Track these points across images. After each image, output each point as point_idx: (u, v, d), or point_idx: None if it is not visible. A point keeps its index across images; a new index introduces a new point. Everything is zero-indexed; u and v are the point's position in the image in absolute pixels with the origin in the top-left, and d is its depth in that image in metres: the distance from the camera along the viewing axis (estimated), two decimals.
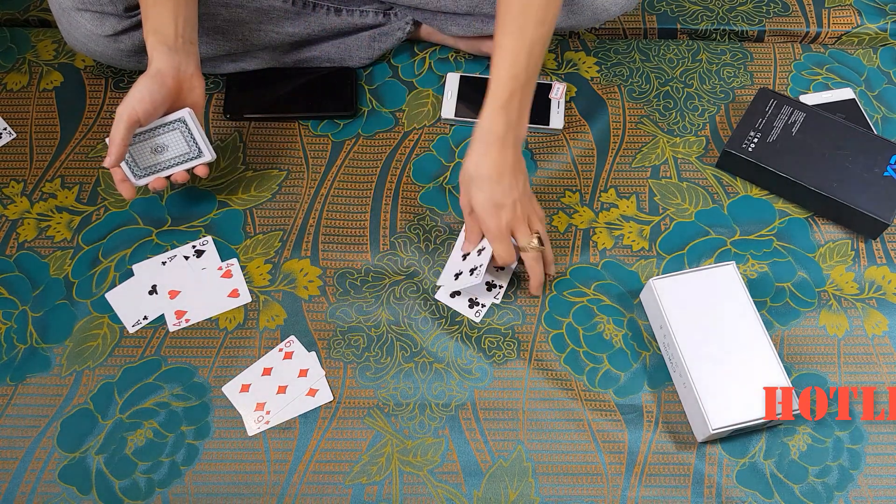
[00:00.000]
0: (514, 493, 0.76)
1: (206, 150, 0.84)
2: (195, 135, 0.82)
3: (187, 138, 0.82)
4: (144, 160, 0.83)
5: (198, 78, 0.83)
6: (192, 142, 0.83)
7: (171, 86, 0.80)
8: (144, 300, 0.83)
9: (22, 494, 0.74)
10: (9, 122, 0.97)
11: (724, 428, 0.75)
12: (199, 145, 0.83)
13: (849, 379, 0.82)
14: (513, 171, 0.78)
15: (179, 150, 0.83)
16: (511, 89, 0.77)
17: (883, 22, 1.07)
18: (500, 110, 0.78)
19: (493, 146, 0.77)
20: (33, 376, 0.80)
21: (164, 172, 0.84)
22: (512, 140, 0.78)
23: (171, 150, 0.83)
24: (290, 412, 0.78)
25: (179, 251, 0.86)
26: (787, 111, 0.93)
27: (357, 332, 0.84)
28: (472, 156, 0.78)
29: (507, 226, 0.79)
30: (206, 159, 0.84)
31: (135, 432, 0.78)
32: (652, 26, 1.08)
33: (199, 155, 0.84)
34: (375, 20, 0.99)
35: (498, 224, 0.79)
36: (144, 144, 0.82)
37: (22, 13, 1.06)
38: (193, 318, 0.83)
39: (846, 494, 0.76)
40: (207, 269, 0.85)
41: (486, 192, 0.78)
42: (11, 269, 0.86)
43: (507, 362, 0.82)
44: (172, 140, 0.82)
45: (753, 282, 0.87)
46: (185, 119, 0.81)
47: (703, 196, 0.93)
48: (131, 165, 0.83)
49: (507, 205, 0.78)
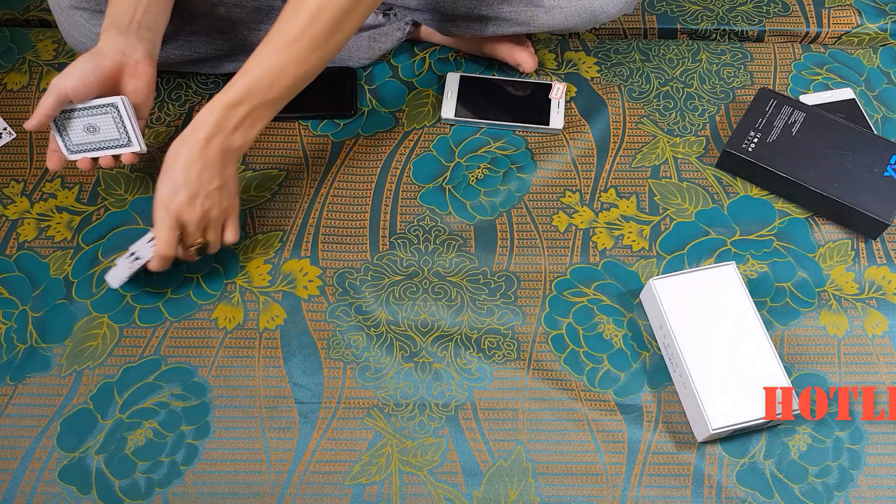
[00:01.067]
0: (513, 493, 0.76)
1: (135, 141, 0.82)
2: (126, 123, 0.81)
3: (118, 125, 0.81)
4: (77, 136, 0.82)
5: (145, 65, 0.80)
6: (122, 129, 0.81)
7: (109, 67, 0.78)
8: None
9: (22, 494, 0.74)
10: (9, 122, 0.97)
11: (724, 428, 0.75)
12: (128, 134, 0.82)
13: (849, 379, 0.82)
14: (206, 171, 0.75)
15: (110, 134, 0.82)
16: (240, 96, 0.74)
17: (883, 22, 1.07)
18: (218, 110, 0.74)
19: (193, 142, 0.75)
20: (33, 376, 0.80)
21: (92, 153, 0.83)
22: (217, 145, 0.75)
23: (102, 133, 0.82)
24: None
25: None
26: (787, 111, 0.93)
27: (357, 332, 0.84)
28: (173, 145, 0.76)
29: (178, 215, 0.75)
30: (134, 149, 0.83)
31: (135, 432, 0.78)
32: (652, 26, 1.08)
33: (128, 144, 0.82)
34: (375, 20, 0.99)
35: (168, 210, 0.75)
36: (78, 121, 0.81)
37: (22, 13, 1.06)
38: None
39: (846, 494, 0.76)
40: None
41: (171, 180, 0.75)
42: (11, 269, 0.86)
43: (507, 362, 0.82)
44: (104, 123, 0.81)
45: (753, 282, 0.87)
46: (116, 105, 0.80)
47: (703, 196, 0.93)
48: (65, 139, 0.83)
49: (184, 197, 0.75)
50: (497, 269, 0.88)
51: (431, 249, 0.89)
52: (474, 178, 0.94)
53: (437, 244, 0.89)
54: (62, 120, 0.81)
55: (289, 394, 0.80)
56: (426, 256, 0.88)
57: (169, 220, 0.76)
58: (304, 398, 0.80)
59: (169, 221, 0.76)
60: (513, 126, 0.97)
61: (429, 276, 0.87)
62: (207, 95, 0.99)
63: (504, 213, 0.92)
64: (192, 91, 0.99)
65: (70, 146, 0.83)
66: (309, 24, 0.74)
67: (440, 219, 0.91)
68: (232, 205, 0.80)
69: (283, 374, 0.81)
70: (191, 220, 0.77)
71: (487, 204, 0.92)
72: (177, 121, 0.97)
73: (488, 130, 0.97)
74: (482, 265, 0.88)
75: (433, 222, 0.91)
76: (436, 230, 0.90)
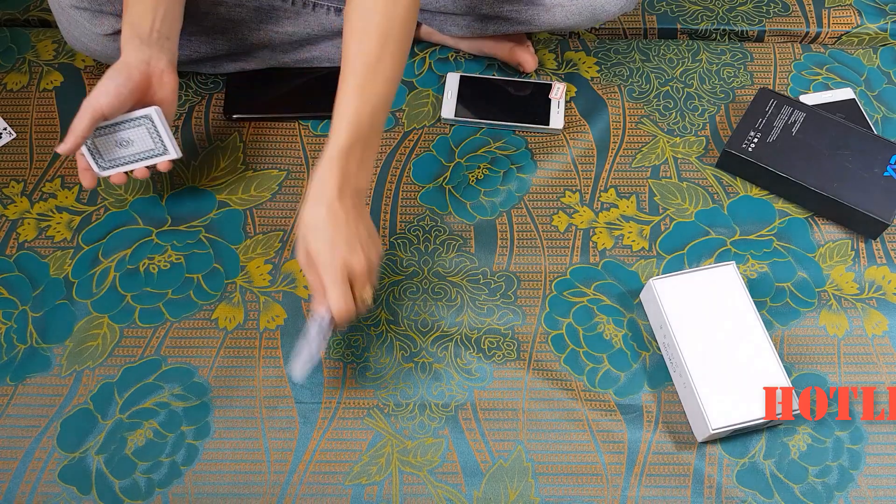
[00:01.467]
0: (513, 493, 0.76)
1: (171, 148, 0.83)
2: (161, 132, 0.82)
3: (153, 135, 0.82)
4: (109, 153, 0.83)
5: (169, 74, 0.82)
6: (157, 139, 0.82)
7: (139, 79, 0.79)
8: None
9: (22, 494, 0.74)
10: (9, 122, 0.97)
11: (724, 428, 0.75)
12: (164, 143, 0.83)
13: (849, 379, 0.82)
14: (352, 220, 0.72)
15: (144, 146, 0.83)
16: (351, 139, 0.72)
17: (883, 22, 1.07)
18: (336, 160, 0.71)
19: (328, 198, 0.71)
20: (33, 376, 0.80)
21: (126, 167, 0.84)
22: (350, 193, 0.72)
23: (136, 145, 0.82)
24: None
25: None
26: (787, 111, 0.93)
27: (357, 332, 0.84)
28: (307, 208, 0.72)
29: (344, 267, 0.71)
30: (172, 156, 0.84)
31: (135, 432, 0.78)
32: (652, 26, 1.08)
33: (164, 152, 0.84)
34: None
35: (333, 265, 0.70)
36: (110, 137, 0.82)
37: (22, 13, 1.06)
38: None
39: (846, 494, 0.76)
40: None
41: (324, 238, 0.71)
42: (11, 269, 0.86)
43: (507, 362, 0.82)
44: (137, 136, 0.82)
45: (753, 282, 0.87)
46: (151, 116, 0.81)
47: (703, 196, 0.93)
48: (95, 156, 0.83)
49: (344, 248, 0.71)
50: (497, 269, 0.88)
51: (431, 249, 0.89)
52: (474, 178, 0.94)
53: (437, 244, 0.89)
54: (92, 138, 0.81)
55: (289, 394, 0.80)
56: (426, 256, 0.88)
57: (339, 275, 0.71)
58: (304, 398, 0.80)
59: (340, 276, 0.71)
60: (513, 126, 0.97)
61: (429, 276, 0.87)
62: (207, 95, 0.99)
63: (504, 213, 0.92)
64: (192, 91, 0.99)
65: (102, 164, 0.84)
66: (384, 39, 0.73)
67: (440, 219, 0.91)
68: (379, 248, 0.77)
69: (283, 374, 0.81)
70: (359, 268, 0.72)
71: (487, 204, 0.92)
72: (177, 121, 0.97)
73: (488, 130, 0.97)
74: (482, 265, 0.88)
75: (433, 222, 0.91)
76: (436, 230, 0.90)
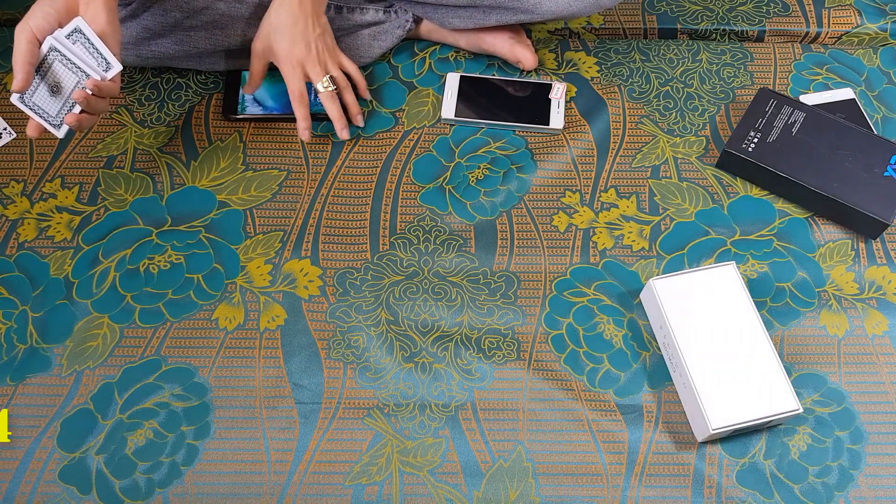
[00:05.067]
0: (514, 493, 0.76)
1: (110, 59, 0.78)
2: (96, 44, 0.76)
3: (77, 60, 0.76)
4: (51, 106, 0.79)
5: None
6: (95, 54, 0.77)
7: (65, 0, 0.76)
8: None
9: (22, 494, 0.74)
10: (9, 122, 0.97)
11: (724, 428, 0.75)
12: (102, 55, 0.77)
13: (849, 379, 0.82)
14: (309, 18, 0.88)
15: (71, 79, 0.78)
16: None
17: (883, 22, 1.07)
18: None
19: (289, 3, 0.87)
20: (33, 376, 0.80)
21: (75, 107, 0.79)
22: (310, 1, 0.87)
23: (65, 82, 0.78)
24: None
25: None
26: (787, 111, 0.93)
27: (357, 332, 0.84)
28: (271, 10, 0.88)
29: (300, 62, 0.88)
30: (114, 70, 0.78)
31: (135, 432, 0.78)
32: (652, 26, 1.08)
33: (108, 67, 0.78)
34: (376, 17, 0.99)
35: (291, 60, 0.88)
36: (40, 90, 0.78)
37: (22, 13, 1.06)
38: None
39: (846, 494, 0.76)
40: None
41: (285, 36, 0.87)
42: (11, 269, 0.86)
43: (507, 362, 0.82)
44: (59, 72, 0.77)
45: (753, 282, 0.87)
46: (79, 28, 0.75)
47: (703, 196, 0.93)
48: (45, 116, 0.79)
49: (301, 44, 0.88)
50: (497, 269, 0.88)
51: (431, 249, 0.89)
52: (474, 178, 0.94)
53: (437, 244, 0.89)
54: (28, 98, 0.77)
55: (289, 394, 0.80)
56: (426, 256, 0.88)
57: (297, 71, 0.89)
58: (304, 398, 0.80)
59: (298, 72, 0.89)
60: (513, 126, 0.97)
61: (429, 276, 0.87)
62: (207, 96, 0.99)
63: (504, 213, 0.92)
64: (192, 91, 0.99)
65: (53, 121, 0.79)
66: None
67: (440, 219, 0.91)
68: (333, 47, 0.92)
69: (283, 375, 0.81)
70: (311, 63, 0.89)
71: (487, 204, 0.92)
72: (177, 121, 0.97)
73: (488, 130, 0.97)
74: (482, 265, 0.88)
75: (433, 222, 0.91)
76: (436, 230, 0.90)
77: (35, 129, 0.79)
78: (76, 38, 0.76)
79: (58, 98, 0.79)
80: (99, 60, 0.78)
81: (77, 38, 0.76)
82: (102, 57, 0.78)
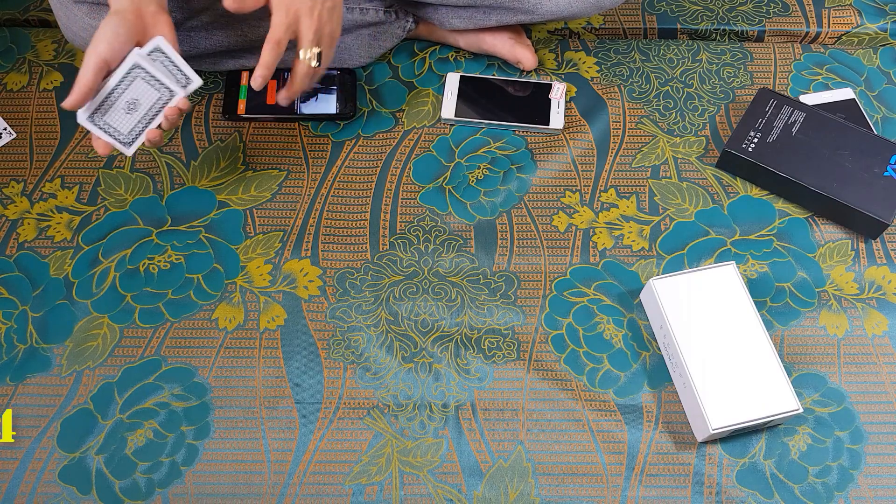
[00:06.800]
0: (514, 493, 0.76)
1: (189, 75, 0.79)
2: (176, 61, 0.78)
3: (159, 78, 0.77)
4: (124, 124, 0.79)
5: (162, 14, 0.79)
6: (175, 70, 0.78)
7: (133, 21, 0.77)
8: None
9: (22, 494, 0.74)
10: (9, 122, 0.97)
11: (724, 428, 0.75)
12: (182, 71, 0.78)
13: (849, 379, 0.82)
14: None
15: (151, 97, 0.78)
16: None
17: (883, 22, 1.07)
18: None
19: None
20: (33, 376, 0.80)
21: (150, 125, 0.80)
22: None
23: (144, 100, 0.78)
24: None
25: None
26: (787, 111, 0.93)
27: (357, 332, 0.84)
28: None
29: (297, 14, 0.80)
30: (194, 85, 0.79)
31: (135, 432, 0.78)
32: (652, 26, 1.08)
33: (188, 83, 0.79)
34: (376, 17, 0.99)
35: (289, 6, 0.79)
36: (116, 108, 0.78)
37: (22, 13, 1.06)
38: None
39: (846, 494, 0.76)
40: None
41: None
42: (11, 269, 0.86)
43: (507, 362, 0.82)
44: (139, 90, 0.78)
45: (753, 282, 0.87)
46: (160, 47, 0.76)
47: (703, 196, 0.93)
48: (116, 136, 0.79)
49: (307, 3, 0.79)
50: (497, 269, 0.88)
51: (431, 249, 0.89)
52: (474, 178, 0.94)
53: (437, 244, 0.89)
54: (99, 118, 0.78)
55: (289, 394, 0.80)
56: (426, 256, 0.88)
57: (289, 19, 0.79)
58: (304, 398, 0.80)
59: (289, 21, 0.79)
60: (513, 126, 0.97)
61: (429, 276, 0.87)
62: (207, 96, 0.99)
63: (504, 213, 0.92)
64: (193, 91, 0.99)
65: (124, 139, 0.79)
66: None
67: (440, 219, 0.91)
68: (337, 30, 0.85)
69: (283, 375, 0.81)
70: (308, 23, 0.80)
71: (487, 204, 0.92)
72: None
73: (488, 130, 0.97)
74: (482, 265, 0.88)
75: (433, 222, 0.91)
76: (436, 230, 0.90)
77: (105, 147, 0.80)
78: (156, 56, 0.78)
79: (132, 115, 0.80)
80: (179, 77, 0.79)
81: (157, 55, 0.78)
82: (183, 73, 0.79)
